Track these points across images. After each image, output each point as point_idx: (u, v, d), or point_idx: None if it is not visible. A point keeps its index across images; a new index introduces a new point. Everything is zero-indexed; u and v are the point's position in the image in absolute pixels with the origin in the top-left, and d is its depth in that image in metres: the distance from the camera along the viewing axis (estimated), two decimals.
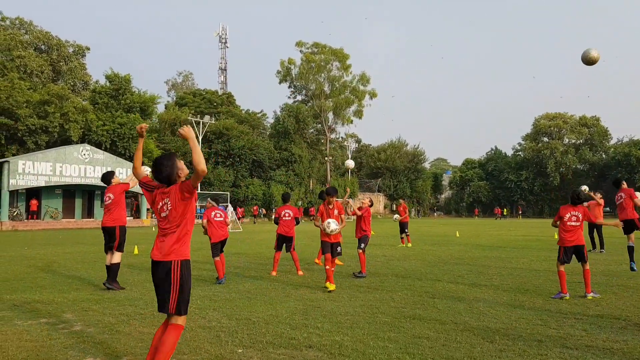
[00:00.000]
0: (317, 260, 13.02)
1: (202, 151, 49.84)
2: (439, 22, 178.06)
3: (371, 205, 11.73)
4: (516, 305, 7.48)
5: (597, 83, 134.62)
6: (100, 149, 42.62)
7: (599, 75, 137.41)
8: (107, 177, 9.63)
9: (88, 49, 56.09)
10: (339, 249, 9.35)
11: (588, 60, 9.04)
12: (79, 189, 40.64)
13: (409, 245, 18.38)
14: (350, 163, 20.38)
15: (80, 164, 38.72)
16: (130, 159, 45.13)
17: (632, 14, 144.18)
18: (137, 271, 11.46)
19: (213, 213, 10.09)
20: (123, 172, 41.57)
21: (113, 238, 9.09)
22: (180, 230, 4.26)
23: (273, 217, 11.70)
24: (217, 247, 9.95)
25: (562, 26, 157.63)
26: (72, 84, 53.40)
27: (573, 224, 8.11)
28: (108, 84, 49.36)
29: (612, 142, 76.15)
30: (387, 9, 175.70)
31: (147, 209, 46.15)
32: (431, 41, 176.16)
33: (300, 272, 10.92)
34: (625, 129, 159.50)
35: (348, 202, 16.76)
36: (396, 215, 19.63)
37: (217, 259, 9.85)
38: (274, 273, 10.88)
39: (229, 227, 10.59)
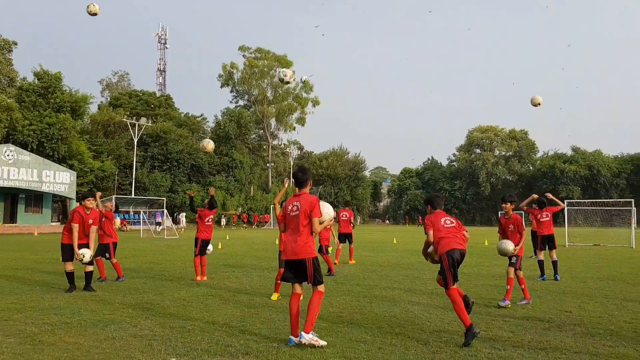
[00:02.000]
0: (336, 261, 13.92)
1: (138, 154, 48.05)
2: (379, 32, 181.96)
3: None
4: (449, 308, 7.68)
5: (526, 98, 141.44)
6: (26, 149, 40.37)
7: (527, 91, 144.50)
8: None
9: (15, 43, 53.27)
10: None
11: (535, 103, 10.69)
12: (1, 191, 38.39)
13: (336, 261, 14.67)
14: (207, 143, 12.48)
15: (4, 165, 36.54)
16: (59, 160, 43.13)
17: (557, 35, 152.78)
18: (62, 279, 10.91)
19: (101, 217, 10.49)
20: (50, 174, 39.73)
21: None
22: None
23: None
24: (100, 249, 10.63)
25: (495, 40, 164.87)
26: None
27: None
28: (37, 81, 46.93)
29: (539, 155, 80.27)
30: (331, 19, 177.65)
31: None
32: (372, 51, 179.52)
33: (205, 278, 10.82)
34: (551, 143, 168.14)
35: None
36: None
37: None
38: (197, 278, 10.70)
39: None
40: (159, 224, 42.81)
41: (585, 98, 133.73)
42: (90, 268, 9.25)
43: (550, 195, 12.46)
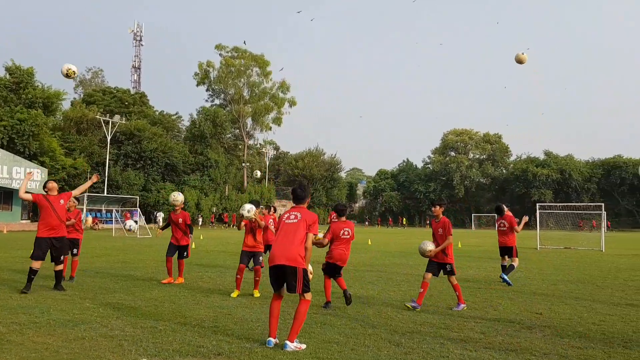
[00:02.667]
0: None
1: (111, 152, 47.21)
2: (356, 33, 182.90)
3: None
4: (422, 309, 7.78)
5: (500, 102, 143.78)
6: None
7: (502, 95, 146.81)
8: None
9: None
10: (260, 258, 9.22)
11: (519, 60, 10.02)
12: None
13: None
14: None
15: None
16: (30, 157, 42.23)
17: (528, 39, 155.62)
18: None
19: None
20: (21, 171, 38.90)
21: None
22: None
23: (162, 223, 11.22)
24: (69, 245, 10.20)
25: (472, 44, 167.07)
26: None
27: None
28: (8, 76, 45.84)
29: (512, 158, 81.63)
30: (308, 20, 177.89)
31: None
32: (350, 53, 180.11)
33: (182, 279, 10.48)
34: (524, 147, 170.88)
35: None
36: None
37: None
38: (166, 281, 10.39)
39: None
40: (136, 222, 42.34)
41: (559, 103, 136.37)
42: (60, 267, 9.08)
43: (525, 220, 12.20)
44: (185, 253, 10.58)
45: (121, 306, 7.68)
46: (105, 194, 46.84)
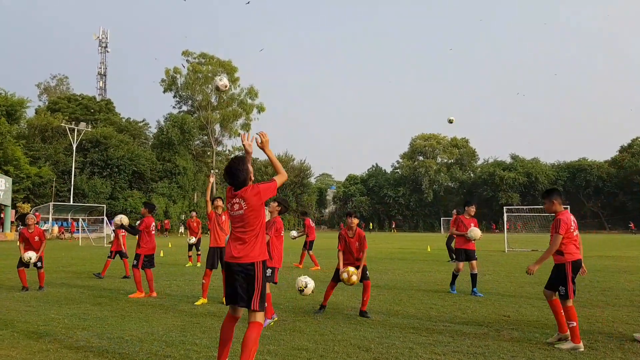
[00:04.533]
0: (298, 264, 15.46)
1: (77, 160, 46.32)
2: (323, 38, 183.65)
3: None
4: (391, 314, 7.85)
5: (468, 106, 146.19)
6: None
7: (470, 99, 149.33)
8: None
9: None
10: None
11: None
12: None
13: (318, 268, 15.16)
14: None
15: None
16: None
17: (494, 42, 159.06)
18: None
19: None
20: None
21: None
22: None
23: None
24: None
25: (439, 48, 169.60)
26: None
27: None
28: None
29: (479, 162, 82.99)
30: (276, 26, 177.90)
31: (11, 222, 42.08)
32: (317, 57, 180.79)
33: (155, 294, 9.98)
34: (491, 150, 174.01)
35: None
36: (293, 232, 17.63)
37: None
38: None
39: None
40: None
41: (523, 106, 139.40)
42: None
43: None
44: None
45: (87, 317, 7.53)
46: (71, 203, 45.84)
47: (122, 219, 10.28)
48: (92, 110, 63.86)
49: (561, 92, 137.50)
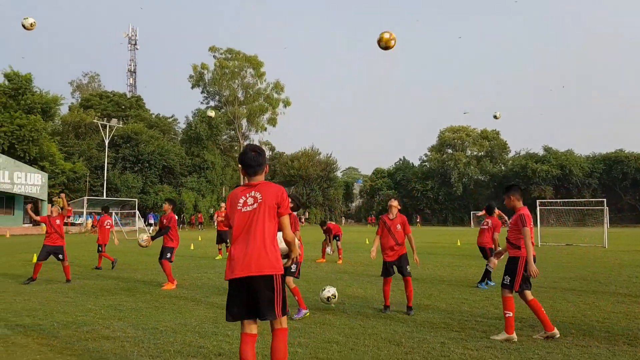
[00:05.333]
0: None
1: (109, 156, 47.20)
2: (350, 32, 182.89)
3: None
4: (422, 309, 7.81)
5: (499, 98, 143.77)
6: None
7: (500, 91, 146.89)
8: None
9: None
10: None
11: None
12: None
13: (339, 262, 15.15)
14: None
15: None
16: (31, 162, 42.21)
17: (529, 32, 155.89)
18: (35, 281, 10.72)
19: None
20: (22, 176, 39.02)
21: None
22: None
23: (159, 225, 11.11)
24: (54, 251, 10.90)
25: (470, 40, 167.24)
26: None
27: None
28: (7, 82, 45.88)
29: (511, 154, 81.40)
30: (303, 20, 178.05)
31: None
32: (343, 51, 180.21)
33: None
34: (523, 143, 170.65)
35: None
36: (328, 249, 16.10)
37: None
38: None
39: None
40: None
41: (559, 97, 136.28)
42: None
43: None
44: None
45: (123, 308, 7.72)
46: (104, 197, 46.87)
47: (143, 239, 10.35)
48: (123, 107, 65.05)
49: (596, 82, 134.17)
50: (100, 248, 13.86)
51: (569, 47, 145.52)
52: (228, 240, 16.97)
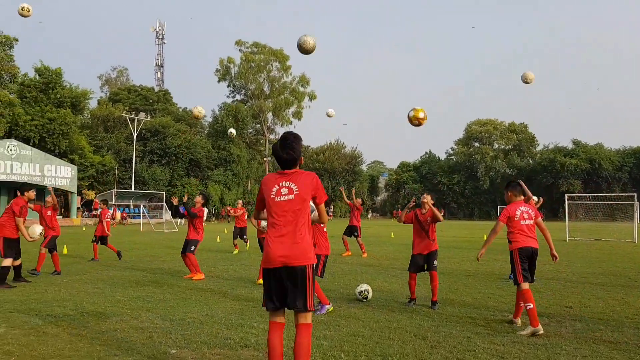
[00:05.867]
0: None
1: (137, 149, 47.98)
2: (374, 25, 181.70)
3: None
4: (447, 303, 7.76)
5: (526, 92, 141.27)
6: (28, 144, 40.44)
7: (528, 85, 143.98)
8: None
9: (16, 40, 52.99)
10: None
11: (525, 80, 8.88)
12: (4, 186, 38.45)
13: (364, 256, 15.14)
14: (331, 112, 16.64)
15: (7, 160, 36.58)
16: (60, 155, 43.18)
17: (560, 26, 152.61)
18: (65, 272, 10.99)
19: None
20: (52, 169, 39.88)
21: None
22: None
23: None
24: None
25: (496, 33, 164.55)
26: None
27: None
28: (38, 77, 46.95)
29: (539, 148, 79.94)
30: (327, 13, 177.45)
31: (77, 208, 44.25)
32: (368, 45, 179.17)
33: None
34: (551, 136, 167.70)
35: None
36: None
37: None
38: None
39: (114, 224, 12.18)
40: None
41: (587, 90, 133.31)
42: (18, 262, 9.41)
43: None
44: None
45: (151, 299, 7.85)
46: (132, 190, 47.72)
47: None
48: (151, 101, 65.96)
49: (626, 74, 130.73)
50: (95, 239, 13.87)
51: (598, 39, 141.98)
52: (245, 236, 17.16)
